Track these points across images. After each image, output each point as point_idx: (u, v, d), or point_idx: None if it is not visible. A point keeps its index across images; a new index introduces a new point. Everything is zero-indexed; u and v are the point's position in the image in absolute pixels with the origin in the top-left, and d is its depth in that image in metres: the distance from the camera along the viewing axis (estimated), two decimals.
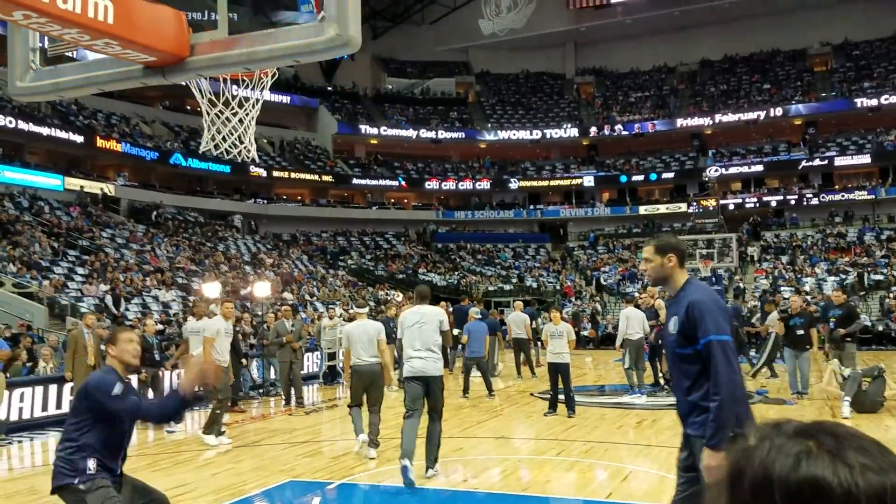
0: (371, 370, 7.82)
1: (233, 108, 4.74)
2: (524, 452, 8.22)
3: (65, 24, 2.86)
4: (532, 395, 12.94)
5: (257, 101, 4.70)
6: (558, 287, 33.84)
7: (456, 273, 35.84)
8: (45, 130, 28.71)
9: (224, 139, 4.75)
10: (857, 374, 9.97)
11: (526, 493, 6.36)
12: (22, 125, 27.69)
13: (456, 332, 14.45)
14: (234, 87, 4.56)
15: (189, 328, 11.27)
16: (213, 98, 4.70)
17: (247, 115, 4.73)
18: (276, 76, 4.53)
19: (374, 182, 41.74)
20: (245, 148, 4.82)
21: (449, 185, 42.84)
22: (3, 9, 2.69)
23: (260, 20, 3.36)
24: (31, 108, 28.79)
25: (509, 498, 6.21)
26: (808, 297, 24.57)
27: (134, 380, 11.99)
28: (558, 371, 10.38)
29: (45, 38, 3.53)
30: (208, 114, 4.72)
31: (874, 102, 37.53)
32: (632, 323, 12.11)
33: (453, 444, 8.39)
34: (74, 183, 28.95)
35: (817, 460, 0.74)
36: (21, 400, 10.61)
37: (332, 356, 15.71)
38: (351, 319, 11.20)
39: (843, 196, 36.86)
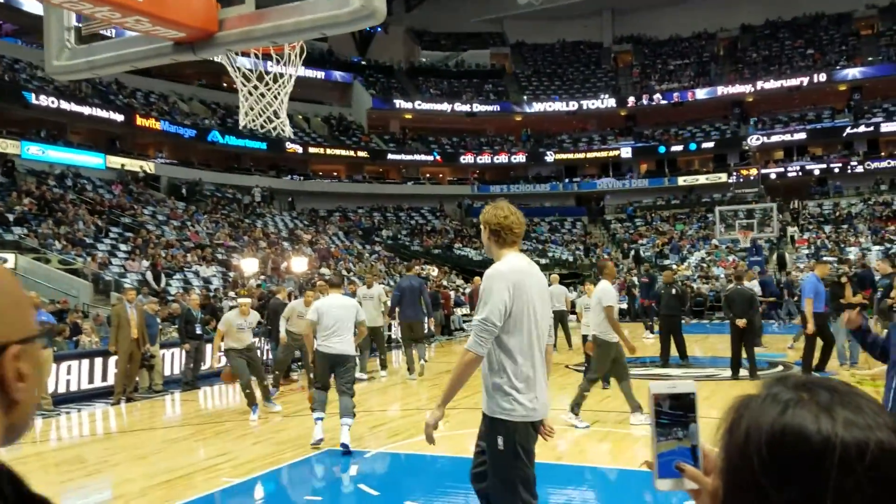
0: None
1: (266, 84, 4.78)
2: (559, 423, 8.24)
3: (95, 1, 2.91)
4: (567, 367, 12.95)
5: (290, 77, 4.72)
6: (595, 260, 33.59)
7: None
8: (86, 110, 29.21)
9: (259, 114, 4.81)
10: None
11: (560, 462, 6.40)
12: (64, 105, 28.20)
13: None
14: (267, 62, 4.60)
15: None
16: (248, 73, 4.75)
17: (280, 90, 4.77)
18: (306, 52, 4.57)
19: (409, 157, 41.69)
20: (281, 123, 4.87)
21: (484, 158, 42.60)
22: None
23: None
24: (72, 89, 29.29)
25: (544, 467, 6.20)
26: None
27: (177, 351, 12.30)
28: None
29: (80, 17, 3.59)
30: (243, 88, 4.77)
31: None
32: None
33: None
34: (116, 161, 29.48)
35: (803, 409, 0.77)
36: (68, 373, 10.96)
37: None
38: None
39: (889, 163, 35.78)
